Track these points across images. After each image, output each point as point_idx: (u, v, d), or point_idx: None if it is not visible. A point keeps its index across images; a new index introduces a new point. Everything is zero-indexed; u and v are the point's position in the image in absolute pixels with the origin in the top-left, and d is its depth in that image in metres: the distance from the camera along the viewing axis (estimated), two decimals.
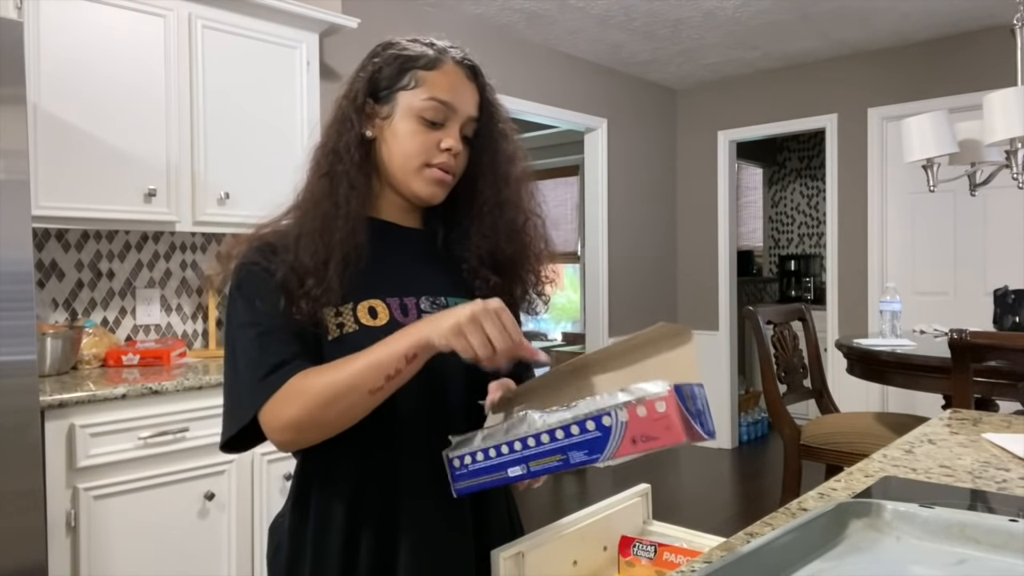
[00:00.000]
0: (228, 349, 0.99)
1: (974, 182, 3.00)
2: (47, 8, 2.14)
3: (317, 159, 1.02)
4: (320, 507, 1.00)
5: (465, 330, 0.82)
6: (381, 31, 3.76)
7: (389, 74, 1.01)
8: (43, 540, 1.82)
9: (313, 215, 0.98)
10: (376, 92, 1.02)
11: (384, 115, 1.02)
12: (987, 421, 1.39)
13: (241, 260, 0.99)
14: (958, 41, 4.24)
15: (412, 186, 1.02)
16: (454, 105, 1.01)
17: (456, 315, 0.83)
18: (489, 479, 0.86)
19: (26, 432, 1.78)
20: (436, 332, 0.84)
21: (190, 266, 2.78)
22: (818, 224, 6.57)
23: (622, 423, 0.74)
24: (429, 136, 1.00)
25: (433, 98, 0.99)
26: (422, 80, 1.00)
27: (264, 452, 2.26)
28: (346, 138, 1.00)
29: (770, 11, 3.85)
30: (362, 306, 0.98)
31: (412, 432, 0.98)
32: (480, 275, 1.07)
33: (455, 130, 1.02)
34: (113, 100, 2.27)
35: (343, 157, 1.00)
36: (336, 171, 0.99)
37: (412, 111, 1.00)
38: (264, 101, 2.64)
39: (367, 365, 0.87)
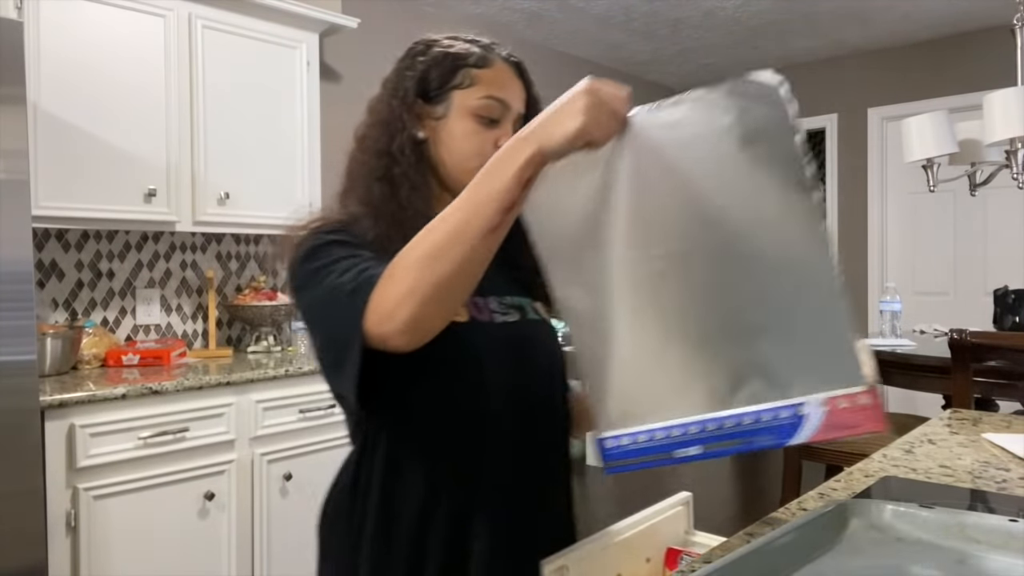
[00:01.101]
0: (311, 289, 0.88)
1: (974, 182, 3.00)
2: (47, 8, 2.14)
3: (366, 162, 0.99)
4: (385, 499, 0.96)
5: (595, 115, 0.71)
6: (381, 31, 3.78)
7: (440, 73, 0.99)
8: (43, 540, 1.82)
9: (378, 219, 0.94)
10: (427, 92, 1.00)
11: (437, 115, 0.99)
12: (987, 421, 1.39)
13: (320, 228, 0.93)
14: (958, 41, 4.24)
15: None
16: (508, 102, 0.99)
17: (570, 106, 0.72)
18: (650, 459, 0.79)
19: (26, 432, 1.78)
20: (556, 133, 0.72)
21: (190, 266, 2.78)
22: None
23: (822, 412, 0.69)
24: (486, 135, 0.98)
25: (490, 96, 0.98)
26: (476, 78, 0.98)
27: (264, 452, 2.26)
28: (399, 140, 0.97)
29: (770, 11, 3.85)
30: None
31: (496, 433, 0.96)
32: (538, 270, 1.05)
33: (509, 128, 0.99)
34: (113, 100, 2.27)
35: (399, 159, 0.97)
36: (394, 174, 0.96)
37: (468, 110, 0.98)
38: (264, 101, 2.64)
39: (476, 199, 0.76)
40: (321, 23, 2.81)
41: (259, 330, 2.79)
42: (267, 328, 2.79)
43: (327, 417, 2.42)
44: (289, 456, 2.32)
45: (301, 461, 2.34)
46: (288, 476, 2.30)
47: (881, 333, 3.12)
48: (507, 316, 1.01)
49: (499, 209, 0.75)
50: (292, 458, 2.32)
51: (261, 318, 2.74)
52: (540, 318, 1.05)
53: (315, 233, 0.93)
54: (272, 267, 0.97)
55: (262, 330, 2.79)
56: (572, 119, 0.71)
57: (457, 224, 0.75)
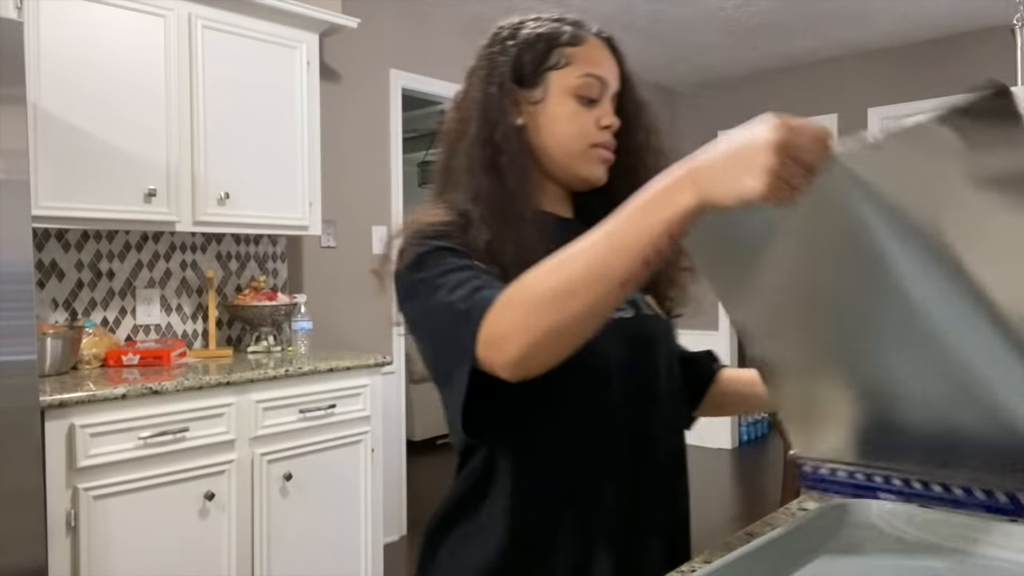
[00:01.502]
0: (422, 303, 0.82)
1: None
2: (47, 8, 2.14)
3: (469, 154, 0.93)
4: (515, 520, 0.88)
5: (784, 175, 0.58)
6: (381, 31, 3.78)
7: (534, 56, 0.95)
8: (43, 540, 1.82)
9: (491, 213, 0.88)
10: (521, 76, 0.95)
11: (535, 99, 0.94)
12: None
13: (423, 232, 0.86)
14: (958, 41, 4.24)
15: (578, 170, 0.95)
16: (606, 79, 0.95)
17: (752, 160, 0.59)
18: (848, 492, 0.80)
19: (26, 432, 1.78)
20: (730, 190, 0.60)
21: (190, 266, 2.78)
22: None
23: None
24: (588, 115, 0.94)
25: (589, 74, 0.94)
26: (571, 57, 0.94)
27: (264, 452, 2.26)
28: (502, 128, 0.92)
29: (770, 11, 3.85)
30: None
31: (614, 452, 0.91)
32: None
33: (608, 106, 0.96)
34: (113, 100, 2.27)
35: (503, 148, 0.91)
36: (500, 164, 0.91)
37: (567, 91, 0.94)
38: (264, 101, 2.64)
39: (614, 247, 0.66)
40: (321, 23, 2.81)
41: (259, 330, 2.79)
42: (267, 328, 2.79)
43: (327, 417, 2.42)
44: (289, 456, 2.32)
45: (301, 461, 2.34)
46: (288, 476, 2.30)
47: None
48: (623, 311, 0.94)
49: (640, 261, 0.66)
50: (292, 458, 2.32)
51: (261, 318, 2.74)
52: (653, 312, 0.99)
53: (419, 238, 0.86)
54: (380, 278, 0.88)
55: (262, 330, 2.79)
56: (752, 178, 0.59)
57: (588, 270, 0.67)
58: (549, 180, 0.98)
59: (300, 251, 3.16)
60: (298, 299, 2.84)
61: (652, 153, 0.99)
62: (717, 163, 0.62)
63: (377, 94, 3.47)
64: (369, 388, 2.56)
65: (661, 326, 1.00)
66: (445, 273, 0.81)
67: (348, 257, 3.33)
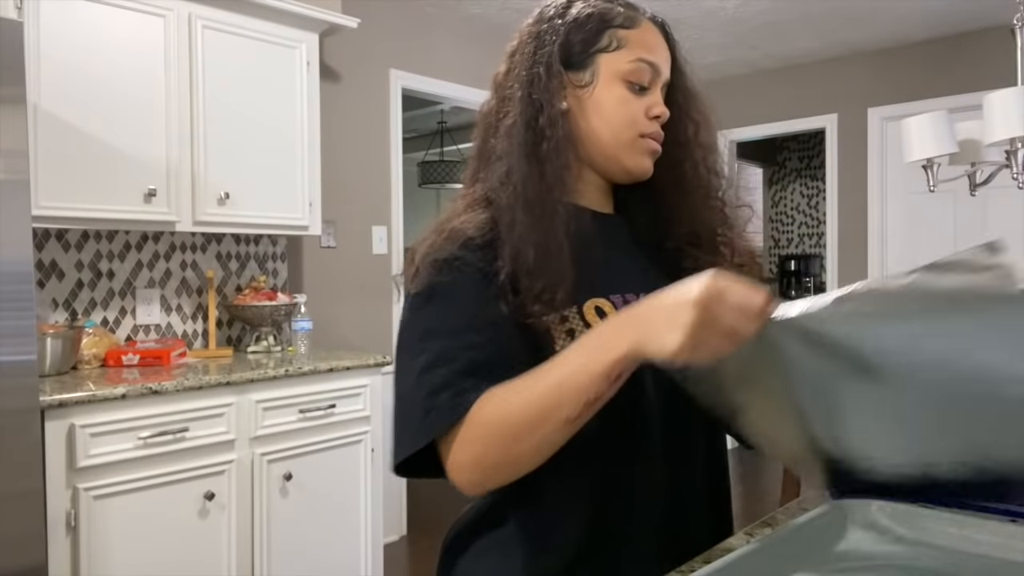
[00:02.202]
0: (405, 356, 0.82)
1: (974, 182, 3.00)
2: (47, 8, 2.14)
3: (509, 137, 0.87)
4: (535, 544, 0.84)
5: (701, 336, 0.62)
6: (381, 31, 3.78)
7: (584, 36, 0.88)
8: (43, 540, 1.82)
9: (523, 202, 0.83)
10: (569, 58, 0.88)
11: (583, 83, 0.88)
12: None
13: (437, 255, 0.82)
14: (958, 41, 4.24)
15: (624, 161, 0.89)
16: (659, 66, 0.89)
17: (675, 315, 0.63)
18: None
19: (26, 432, 1.78)
20: (653, 343, 0.64)
21: (190, 266, 2.78)
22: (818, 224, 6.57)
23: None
24: (638, 103, 0.88)
25: (641, 59, 0.87)
26: (624, 40, 0.87)
27: (264, 452, 2.26)
28: (548, 112, 0.86)
29: (770, 11, 3.85)
30: (588, 307, 0.84)
31: (647, 466, 0.85)
32: (689, 255, 0.92)
33: (659, 95, 0.90)
34: (113, 100, 2.27)
35: (547, 134, 0.85)
36: (541, 151, 0.85)
37: (618, 75, 0.87)
38: (264, 101, 2.64)
39: (560, 388, 0.70)
40: (321, 23, 2.81)
41: (259, 330, 2.79)
42: (267, 328, 2.79)
43: (327, 417, 2.42)
44: (289, 456, 2.32)
45: (301, 461, 2.34)
46: (288, 476, 2.30)
47: None
48: None
49: (582, 401, 0.69)
50: (292, 458, 2.32)
51: (261, 318, 2.74)
52: None
53: (435, 263, 0.82)
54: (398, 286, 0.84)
55: (262, 330, 2.79)
56: (671, 333, 0.62)
57: (539, 407, 0.71)
58: (590, 171, 0.92)
59: (300, 251, 3.16)
60: (298, 299, 2.84)
61: (700, 148, 0.94)
62: (650, 315, 0.65)
63: (377, 94, 3.47)
64: (369, 388, 2.56)
65: None
66: (430, 334, 0.80)
67: (348, 257, 3.33)
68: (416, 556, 3.27)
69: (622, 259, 0.92)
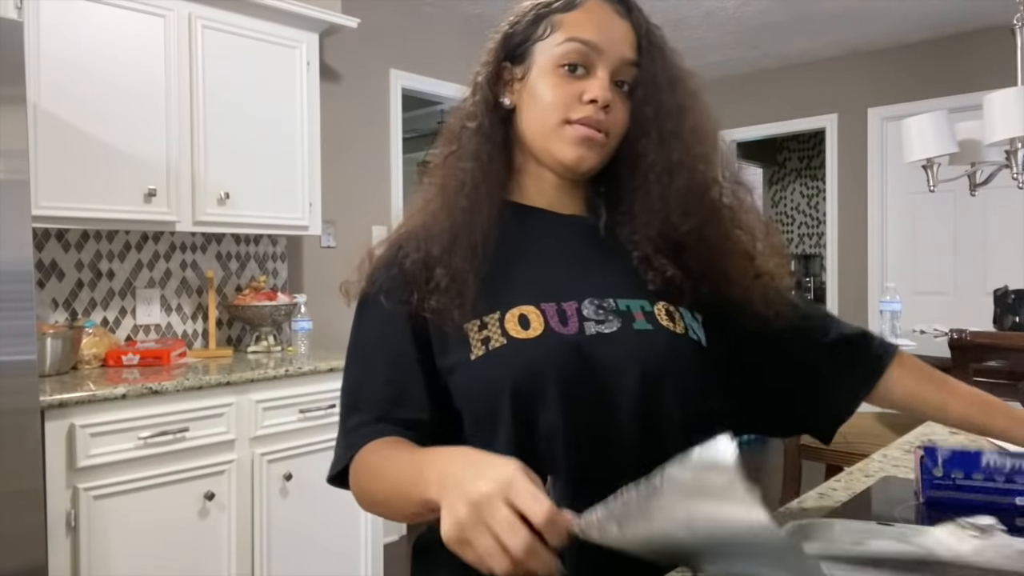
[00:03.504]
0: (345, 368, 0.87)
1: (974, 182, 3.00)
2: (47, 8, 2.14)
3: (446, 138, 0.88)
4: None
5: (467, 534, 0.56)
6: (381, 31, 3.77)
7: (522, 27, 0.86)
8: (43, 540, 1.82)
9: (437, 199, 0.84)
10: (512, 52, 0.86)
11: (520, 76, 0.85)
12: None
13: (374, 266, 0.88)
14: (958, 41, 4.24)
15: (552, 149, 0.83)
16: (599, 44, 0.81)
17: (458, 504, 0.57)
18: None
19: (26, 432, 1.78)
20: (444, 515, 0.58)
21: (190, 266, 2.78)
22: (818, 224, 6.57)
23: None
24: (571, 87, 0.82)
25: (572, 39, 0.82)
26: (558, 23, 0.83)
27: (264, 452, 2.26)
28: (475, 108, 0.85)
29: (770, 11, 3.85)
30: (511, 314, 0.79)
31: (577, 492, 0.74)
32: (654, 265, 0.83)
33: (602, 78, 0.82)
34: (113, 100, 2.27)
35: (468, 128, 0.85)
36: (461, 145, 0.85)
37: (550, 61, 0.83)
38: (264, 101, 2.64)
39: (396, 490, 0.70)
40: (321, 23, 2.81)
41: (259, 330, 2.79)
42: (267, 328, 2.79)
43: (327, 417, 2.41)
44: (289, 456, 2.32)
45: (301, 461, 2.34)
46: (288, 476, 2.30)
47: (881, 333, 3.12)
48: (603, 326, 0.79)
49: (412, 513, 0.69)
50: (292, 458, 2.32)
51: (261, 318, 2.74)
52: (653, 327, 0.81)
53: (370, 274, 0.88)
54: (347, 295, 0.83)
55: (262, 330, 2.79)
56: (446, 519, 0.57)
57: (385, 497, 0.73)
58: (541, 167, 0.87)
59: (300, 251, 3.16)
60: (298, 299, 2.84)
61: (670, 136, 0.84)
62: (446, 484, 0.59)
63: (377, 94, 3.47)
64: None
65: (658, 341, 0.81)
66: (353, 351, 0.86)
67: (348, 257, 3.32)
68: None
69: (575, 264, 0.85)
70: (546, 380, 0.76)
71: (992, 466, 0.87)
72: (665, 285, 0.83)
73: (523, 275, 0.82)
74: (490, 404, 0.78)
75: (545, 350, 0.77)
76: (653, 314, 0.82)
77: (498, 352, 0.77)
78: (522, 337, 0.77)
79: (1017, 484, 0.85)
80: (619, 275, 0.84)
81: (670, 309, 0.84)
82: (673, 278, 0.83)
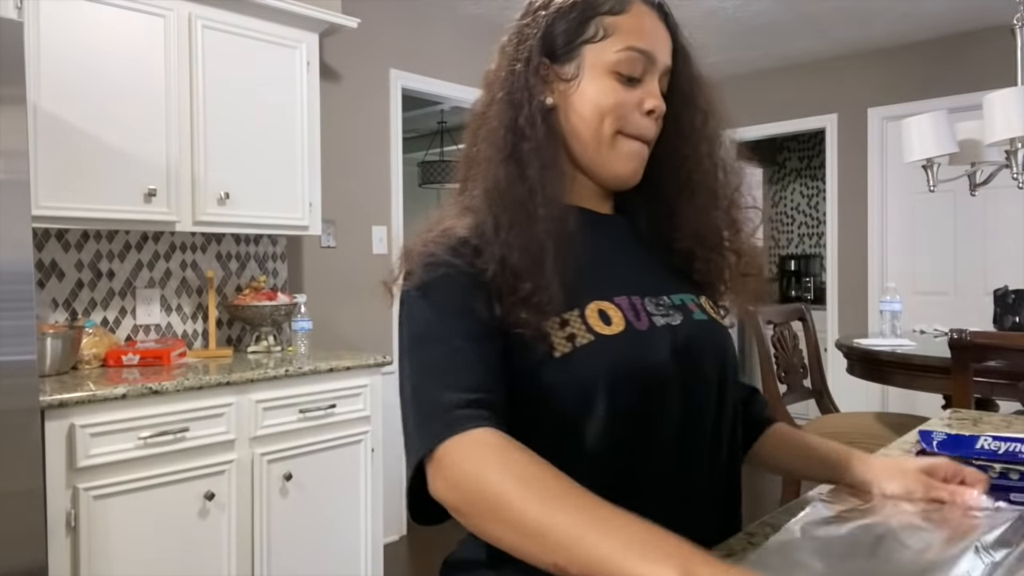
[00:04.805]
0: (404, 370, 0.76)
1: (974, 182, 3.00)
2: (47, 8, 2.14)
3: (491, 140, 0.82)
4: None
5: None
6: (381, 31, 3.77)
7: (567, 26, 0.82)
8: (43, 540, 1.82)
9: (505, 205, 0.78)
10: (552, 50, 0.83)
11: (568, 76, 0.82)
12: (987, 421, 1.39)
13: (431, 256, 0.78)
14: (958, 41, 4.24)
15: (606, 162, 0.83)
16: (653, 54, 0.82)
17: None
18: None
19: (26, 432, 1.78)
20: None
21: (190, 266, 2.78)
22: (818, 224, 6.57)
23: None
24: (628, 96, 0.81)
25: (631, 48, 0.80)
26: (612, 27, 0.81)
27: (264, 452, 2.26)
28: (527, 110, 0.80)
29: (770, 11, 3.85)
30: (591, 309, 0.78)
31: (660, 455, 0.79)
32: (699, 257, 0.88)
33: (655, 86, 0.83)
34: (113, 100, 2.27)
35: (526, 133, 0.80)
36: (522, 150, 0.80)
37: (605, 67, 0.81)
38: (264, 101, 2.64)
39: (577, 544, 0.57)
40: (321, 23, 2.81)
41: (259, 330, 2.79)
42: (267, 328, 2.79)
43: (327, 417, 2.42)
44: (289, 456, 2.32)
45: (301, 461, 2.34)
46: (288, 476, 2.30)
47: (881, 333, 3.12)
48: (669, 319, 0.82)
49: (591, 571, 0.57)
50: (292, 458, 2.32)
51: (261, 318, 2.74)
52: (708, 317, 0.87)
53: (429, 261, 0.77)
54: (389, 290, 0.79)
55: (262, 330, 2.79)
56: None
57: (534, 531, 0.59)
58: (581, 172, 0.86)
59: (300, 251, 3.16)
60: (298, 299, 2.84)
61: (706, 141, 0.88)
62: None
63: (377, 94, 3.47)
64: (369, 388, 2.56)
65: (716, 330, 0.87)
66: (423, 341, 0.74)
67: (348, 257, 3.33)
68: (416, 556, 3.26)
69: (625, 260, 0.87)
70: (639, 373, 0.77)
71: (986, 448, 0.88)
72: (709, 274, 0.89)
73: (588, 273, 0.80)
74: (580, 402, 0.76)
75: (633, 344, 0.78)
76: (702, 306, 0.87)
77: (586, 349, 0.76)
78: (607, 333, 0.77)
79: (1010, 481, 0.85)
80: (664, 270, 0.89)
81: (709, 302, 0.90)
82: (711, 273, 0.89)
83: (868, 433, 2.72)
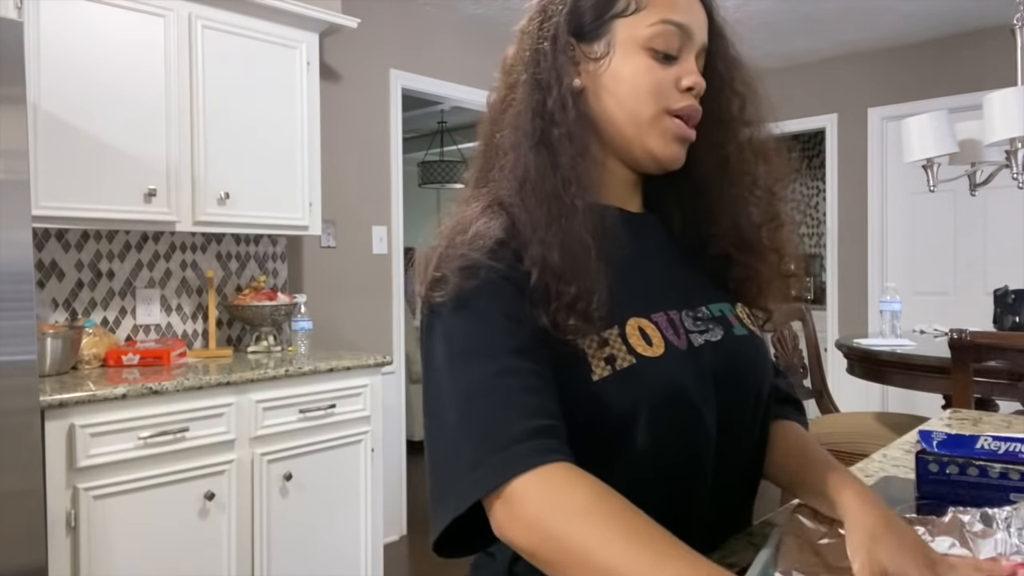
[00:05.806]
0: (444, 394, 0.65)
1: (974, 182, 3.00)
2: (47, 8, 2.14)
3: (516, 125, 0.74)
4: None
5: None
6: (381, 31, 3.78)
7: (595, 1, 0.75)
8: (43, 540, 1.82)
9: (539, 199, 0.70)
10: (580, 27, 0.76)
11: (597, 55, 0.75)
12: (987, 421, 1.39)
13: (466, 260, 0.68)
14: (958, 41, 4.24)
15: (647, 143, 0.75)
16: (690, 28, 0.75)
17: None
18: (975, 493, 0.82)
19: (26, 432, 1.78)
20: None
21: (190, 266, 2.78)
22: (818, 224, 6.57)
23: None
24: (665, 73, 0.74)
25: (666, 20, 0.73)
26: (644, 1, 0.74)
27: (264, 452, 2.26)
28: (556, 93, 0.73)
29: (770, 11, 3.85)
30: (631, 327, 0.71)
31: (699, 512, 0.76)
32: (738, 261, 0.81)
33: (692, 63, 0.76)
34: (113, 100, 2.27)
35: (556, 118, 0.72)
36: (552, 136, 0.72)
37: (638, 42, 0.74)
38: (264, 101, 2.64)
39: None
40: (321, 23, 2.81)
41: (259, 330, 2.79)
42: (267, 328, 2.79)
43: (327, 417, 2.42)
44: (289, 456, 2.32)
45: (301, 461, 2.34)
46: (288, 476, 2.30)
47: (881, 333, 3.12)
48: (708, 334, 0.76)
49: None
50: (292, 458, 2.32)
51: (261, 318, 2.74)
52: (747, 332, 0.80)
53: (464, 266, 0.67)
54: (410, 293, 0.74)
55: (262, 330, 2.79)
56: None
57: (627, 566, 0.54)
58: (615, 160, 0.78)
59: (300, 251, 3.16)
60: (298, 299, 2.84)
61: (746, 127, 0.81)
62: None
63: (377, 94, 3.47)
64: (369, 388, 2.56)
65: (757, 346, 0.81)
66: (468, 356, 0.65)
67: (348, 257, 3.33)
68: (416, 556, 3.26)
69: (661, 266, 0.80)
70: (681, 398, 0.71)
71: (986, 448, 0.88)
72: (739, 284, 0.83)
73: (628, 282, 0.72)
74: (619, 428, 0.69)
75: (674, 367, 0.71)
76: (740, 317, 0.81)
77: (627, 373, 0.69)
78: (650, 355, 0.70)
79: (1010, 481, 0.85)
80: (700, 274, 0.82)
81: (746, 310, 0.83)
82: (748, 278, 0.82)
83: (868, 433, 2.72)
